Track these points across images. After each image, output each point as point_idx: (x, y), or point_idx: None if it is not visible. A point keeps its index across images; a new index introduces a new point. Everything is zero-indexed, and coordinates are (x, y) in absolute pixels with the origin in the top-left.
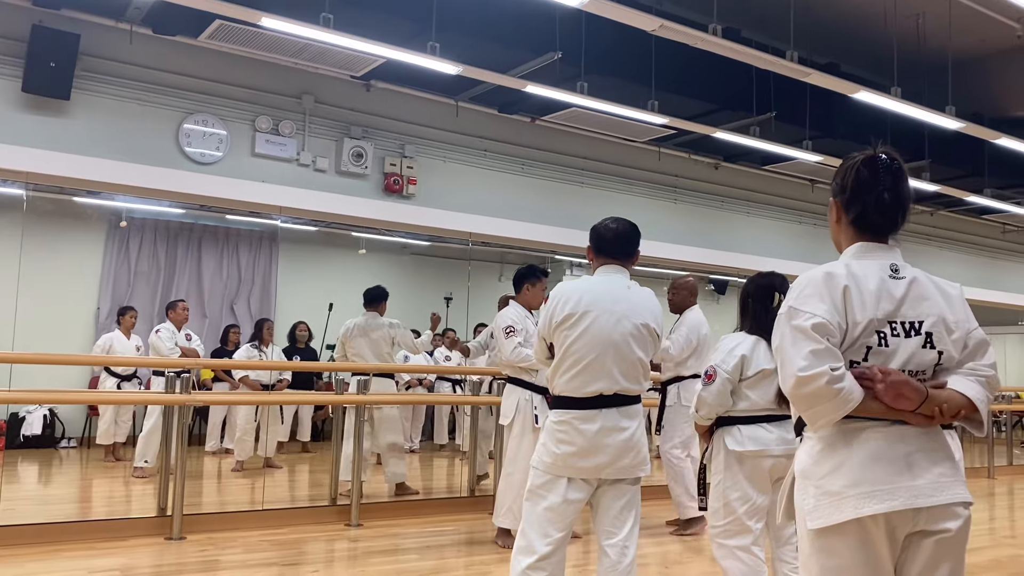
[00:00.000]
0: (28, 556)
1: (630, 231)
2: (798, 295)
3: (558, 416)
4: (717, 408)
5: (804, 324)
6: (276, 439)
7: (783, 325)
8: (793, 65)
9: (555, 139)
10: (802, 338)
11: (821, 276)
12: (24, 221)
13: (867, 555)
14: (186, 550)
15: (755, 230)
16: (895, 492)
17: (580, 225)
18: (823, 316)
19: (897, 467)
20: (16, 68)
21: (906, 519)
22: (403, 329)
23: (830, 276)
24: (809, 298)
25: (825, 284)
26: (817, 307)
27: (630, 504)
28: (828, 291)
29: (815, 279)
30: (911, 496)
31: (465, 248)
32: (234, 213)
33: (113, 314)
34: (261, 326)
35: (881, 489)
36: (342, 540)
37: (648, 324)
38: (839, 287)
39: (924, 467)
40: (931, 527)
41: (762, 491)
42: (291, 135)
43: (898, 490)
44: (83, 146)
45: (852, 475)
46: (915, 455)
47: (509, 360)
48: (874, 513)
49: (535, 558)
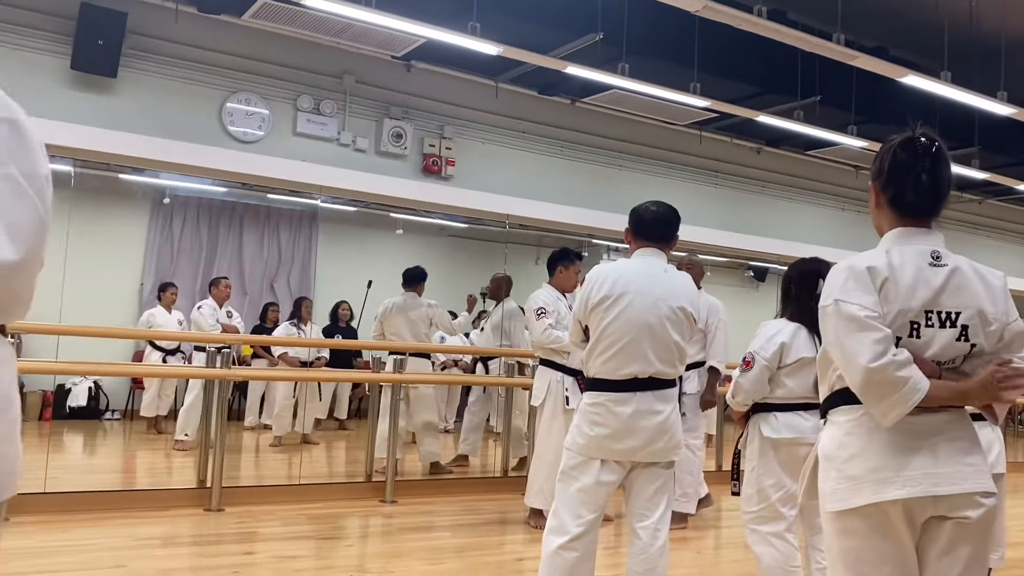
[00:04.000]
0: (74, 523)
1: (670, 215)
2: (842, 288)
3: (592, 398)
4: (753, 395)
5: (860, 315)
6: (314, 416)
7: (834, 319)
8: (840, 48)
9: (595, 121)
10: (862, 329)
11: (864, 269)
12: (72, 197)
13: (886, 538)
14: (224, 522)
15: (797, 216)
16: (916, 479)
17: (618, 209)
18: (872, 308)
19: (920, 454)
20: (65, 46)
21: (925, 505)
22: (441, 310)
23: (871, 269)
24: (854, 291)
25: (868, 277)
26: (865, 299)
27: (663, 488)
28: (871, 283)
29: (858, 271)
30: (931, 483)
31: (502, 231)
32: (275, 192)
33: (156, 290)
34: (300, 304)
35: (902, 475)
36: (377, 516)
37: (684, 308)
38: (879, 279)
39: (948, 455)
40: (951, 513)
41: (797, 479)
42: (332, 115)
43: (919, 477)
44: (129, 123)
45: (874, 460)
46: (939, 443)
47: (540, 341)
48: (892, 499)
49: (567, 538)
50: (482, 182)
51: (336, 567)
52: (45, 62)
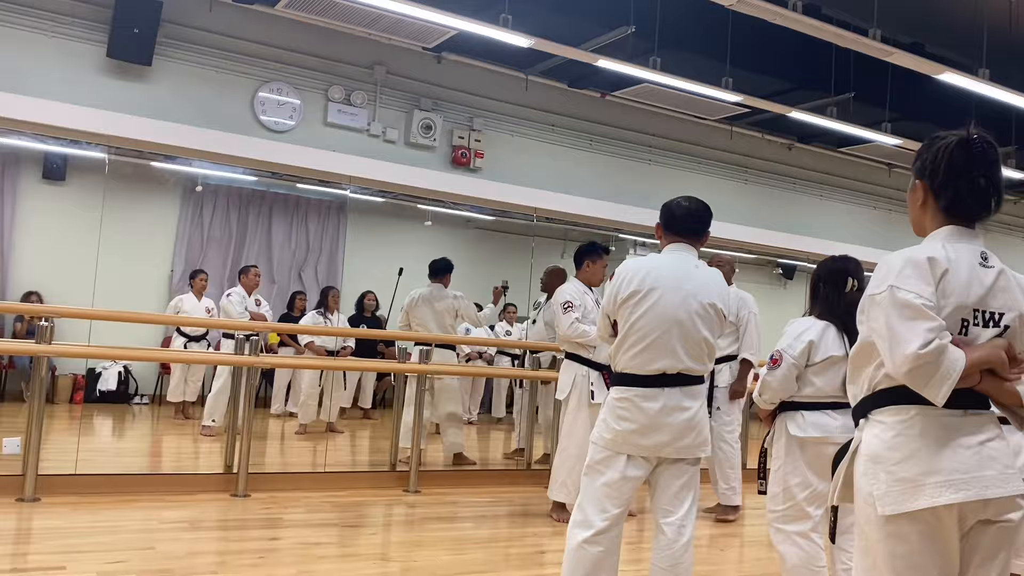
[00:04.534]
0: (103, 505)
1: (702, 210)
2: (899, 275)
3: (619, 393)
4: (781, 393)
5: (916, 302)
6: (339, 405)
7: (887, 306)
8: (876, 44)
9: (625, 115)
10: (916, 317)
11: (924, 259)
12: (106, 184)
13: (936, 543)
14: (250, 507)
15: (828, 214)
16: (970, 482)
17: (647, 204)
18: (928, 298)
19: (971, 456)
20: (102, 34)
21: (976, 509)
22: (467, 302)
23: (932, 260)
24: (911, 278)
25: (928, 267)
26: (922, 288)
27: (689, 484)
28: (930, 273)
29: (917, 261)
30: (982, 487)
31: (529, 224)
32: (304, 182)
33: (187, 276)
34: (327, 294)
35: (957, 479)
36: (400, 505)
37: (715, 304)
38: (939, 271)
39: (993, 458)
40: (996, 517)
41: (823, 478)
42: (362, 105)
43: (972, 480)
44: (163, 111)
45: (928, 463)
46: (987, 445)
47: (566, 335)
48: (950, 503)
49: (591, 532)
50: (510, 175)
51: (361, 555)
52: (82, 50)
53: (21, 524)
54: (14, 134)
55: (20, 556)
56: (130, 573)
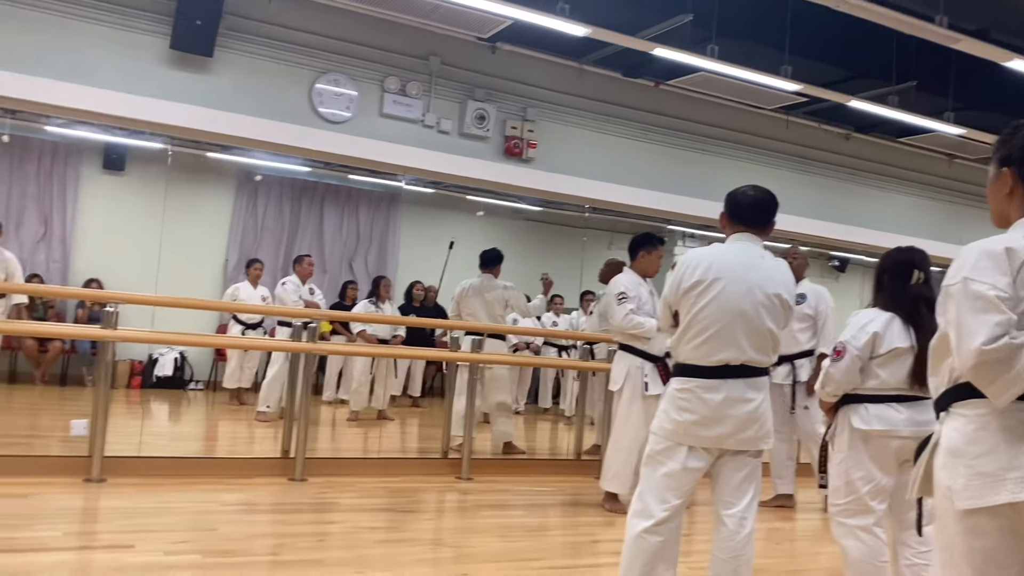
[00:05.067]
0: (165, 486)
1: (767, 199)
2: (974, 266)
3: (681, 384)
4: (844, 385)
5: (989, 294)
6: (390, 393)
7: (959, 297)
8: (942, 30)
9: (680, 104)
10: (986, 308)
11: (1001, 249)
12: (168, 175)
13: (1016, 539)
14: (307, 491)
15: (886, 205)
16: None
17: (700, 194)
18: (1004, 290)
19: None
20: (165, 26)
21: None
22: (517, 292)
23: (1010, 250)
24: (986, 270)
25: (1005, 258)
26: (998, 280)
27: (751, 476)
28: (1008, 265)
29: (993, 252)
30: None
31: (577, 215)
32: (359, 172)
33: (241, 265)
34: (378, 283)
35: None
36: (453, 492)
37: (780, 295)
38: (1018, 261)
39: None
40: None
41: (887, 472)
42: (417, 96)
43: None
44: (223, 102)
45: (1009, 458)
46: None
47: (620, 326)
48: None
49: (652, 522)
50: (563, 165)
51: (417, 540)
52: (145, 41)
53: (88, 503)
54: (80, 125)
55: (91, 534)
56: (195, 553)
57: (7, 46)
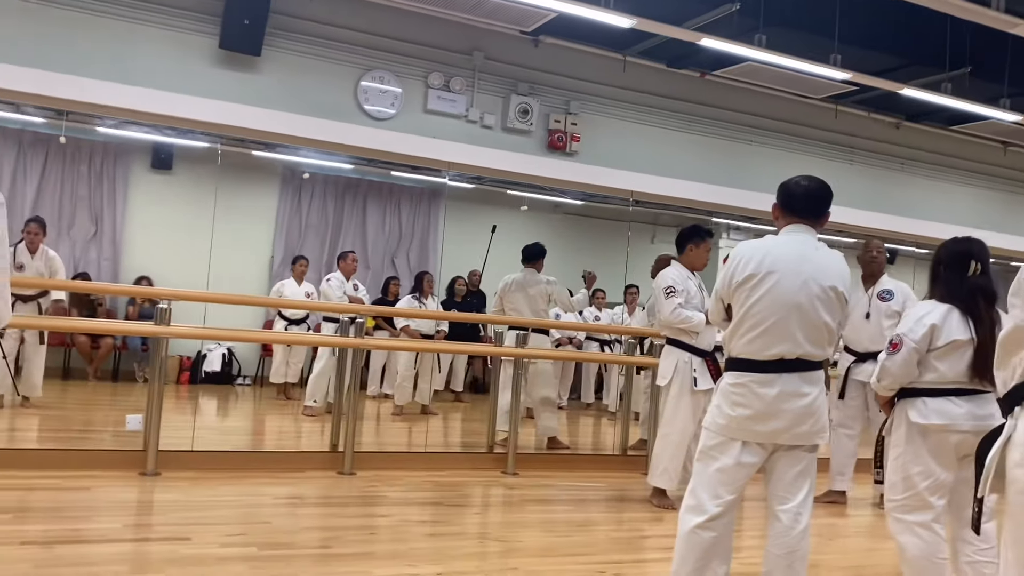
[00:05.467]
0: (218, 480)
1: (822, 190)
2: None
3: (734, 378)
4: (901, 379)
5: None
6: (433, 387)
7: None
8: (998, 15)
9: (725, 95)
10: None
11: None
12: (218, 173)
13: None
14: (357, 484)
15: (938, 195)
16: None
17: (746, 185)
18: None
19: None
20: (213, 26)
21: None
22: (560, 287)
23: None
24: None
25: None
26: None
27: (806, 471)
28: None
29: None
30: None
31: (619, 208)
32: (399, 169)
33: (286, 262)
34: (421, 279)
35: None
36: (499, 487)
37: (836, 287)
38: None
39: None
40: None
41: (946, 467)
42: (461, 91)
43: None
44: (270, 101)
45: None
46: None
47: (668, 321)
48: None
49: (705, 518)
50: (606, 158)
51: (464, 534)
52: (195, 42)
53: (144, 496)
54: (129, 125)
55: (147, 527)
56: (250, 546)
57: (60, 49)
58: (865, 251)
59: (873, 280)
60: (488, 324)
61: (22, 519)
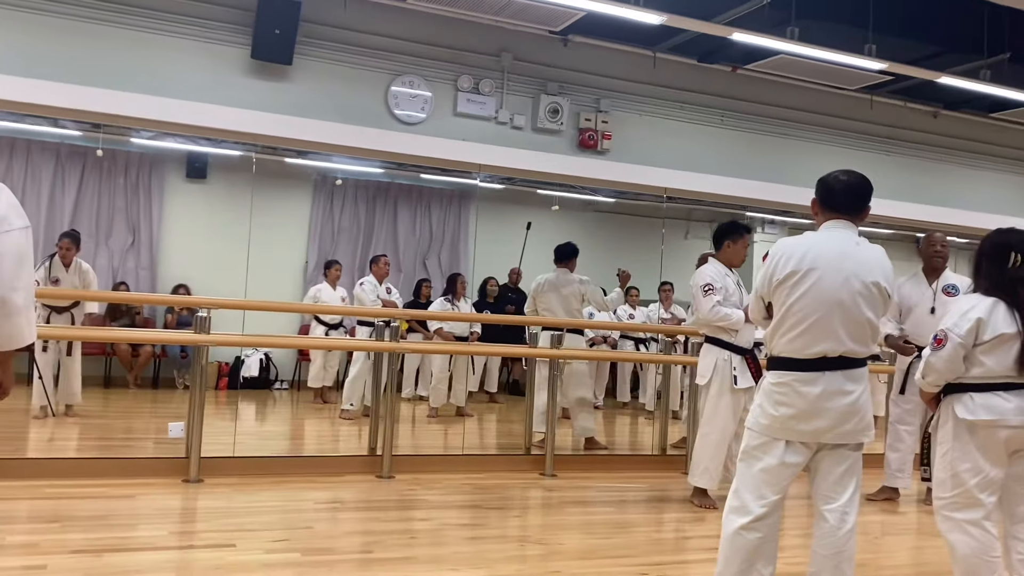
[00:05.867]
0: (260, 486)
1: (861, 184)
2: None
3: (777, 377)
4: (947, 375)
5: None
6: (468, 389)
7: None
8: None
9: (758, 89)
10: None
11: None
12: (253, 182)
13: None
14: (396, 488)
15: (978, 185)
16: None
17: (781, 179)
18: None
19: None
20: (245, 36)
21: None
22: (593, 286)
23: None
24: None
25: None
26: None
27: (851, 470)
28: None
29: None
30: None
31: (652, 205)
32: (435, 172)
33: (320, 267)
34: (454, 281)
35: None
36: (538, 488)
37: (879, 283)
38: None
39: None
40: None
41: (996, 463)
42: (490, 93)
43: None
44: (303, 109)
45: None
46: None
47: (707, 319)
48: None
49: (749, 519)
50: (638, 155)
51: (505, 536)
52: (227, 52)
53: (187, 503)
54: (164, 136)
55: (192, 534)
56: (294, 551)
57: (95, 63)
58: (928, 245)
59: (936, 274)
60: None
61: (69, 528)
